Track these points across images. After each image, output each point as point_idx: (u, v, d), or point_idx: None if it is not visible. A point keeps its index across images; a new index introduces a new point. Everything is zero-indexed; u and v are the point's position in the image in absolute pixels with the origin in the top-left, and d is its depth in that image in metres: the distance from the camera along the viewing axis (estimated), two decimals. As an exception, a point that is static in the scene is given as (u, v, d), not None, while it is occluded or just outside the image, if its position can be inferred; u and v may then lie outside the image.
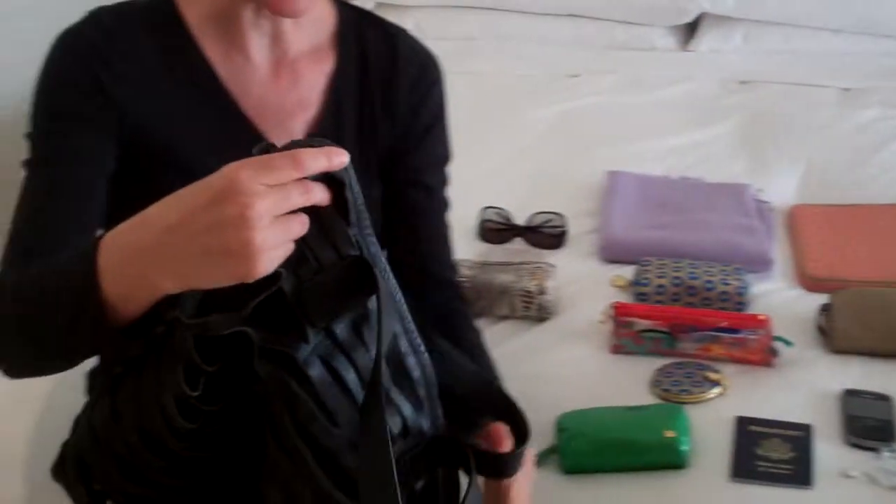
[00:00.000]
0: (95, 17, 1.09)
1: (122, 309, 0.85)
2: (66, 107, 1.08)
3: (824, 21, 2.57)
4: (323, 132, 1.13)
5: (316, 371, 0.82)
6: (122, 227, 0.84)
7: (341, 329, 0.83)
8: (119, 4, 1.12)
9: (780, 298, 1.66)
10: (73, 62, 1.08)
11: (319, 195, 0.79)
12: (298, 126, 1.13)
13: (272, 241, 0.75)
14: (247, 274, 0.75)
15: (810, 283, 1.68)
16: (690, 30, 2.72)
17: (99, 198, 1.08)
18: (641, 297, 1.63)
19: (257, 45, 1.10)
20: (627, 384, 1.47)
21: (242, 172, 0.75)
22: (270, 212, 0.74)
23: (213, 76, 1.10)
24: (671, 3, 2.60)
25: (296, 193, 0.76)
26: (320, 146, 0.80)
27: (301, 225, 0.78)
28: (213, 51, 1.10)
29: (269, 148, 0.80)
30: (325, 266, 0.81)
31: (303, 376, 0.81)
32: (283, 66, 1.12)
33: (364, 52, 1.16)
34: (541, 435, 1.27)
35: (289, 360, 0.81)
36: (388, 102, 1.17)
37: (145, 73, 1.09)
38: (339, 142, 1.10)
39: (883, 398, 1.41)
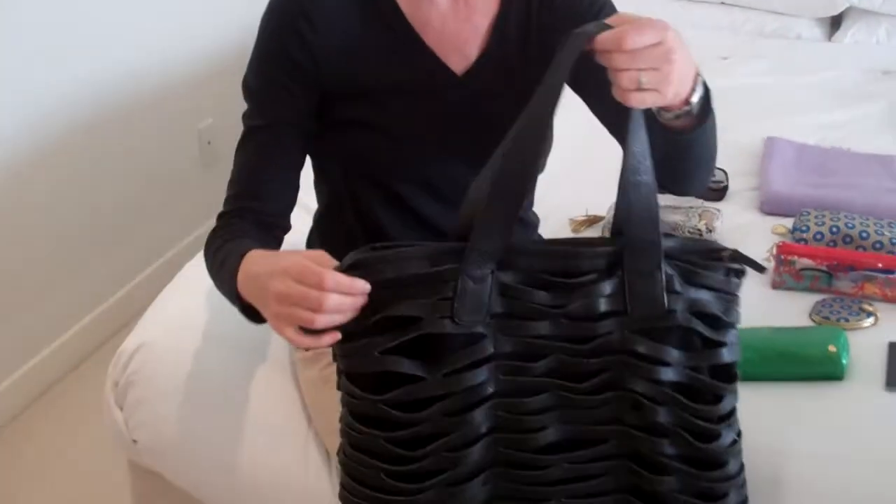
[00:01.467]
0: None
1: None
2: (274, 73, 1.28)
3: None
4: (489, 55, 1.31)
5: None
6: (251, 255, 1.14)
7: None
8: None
9: (925, 252, 1.82)
10: (281, 24, 1.26)
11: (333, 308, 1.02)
12: (472, 51, 1.30)
13: (280, 316, 1.05)
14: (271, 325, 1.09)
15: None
16: (835, 22, 2.88)
17: (297, 154, 1.33)
18: (801, 241, 1.79)
19: None
20: (788, 313, 1.63)
21: (296, 264, 1.03)
22: (287, 299, 1.03)
23: (401, 16, 1.29)
24: (822, -5, 2.78)
25: (313, 296, 1.01)
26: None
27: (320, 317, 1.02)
28: None
29: (356, 263, 1.04)
30: None
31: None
32: (459, 2, 1.29)
33: None
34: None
35: None
36: (549, 12, 1.30)
37: (344, 22, 1.27)
38: (503, 60, 1.30)
39: None
